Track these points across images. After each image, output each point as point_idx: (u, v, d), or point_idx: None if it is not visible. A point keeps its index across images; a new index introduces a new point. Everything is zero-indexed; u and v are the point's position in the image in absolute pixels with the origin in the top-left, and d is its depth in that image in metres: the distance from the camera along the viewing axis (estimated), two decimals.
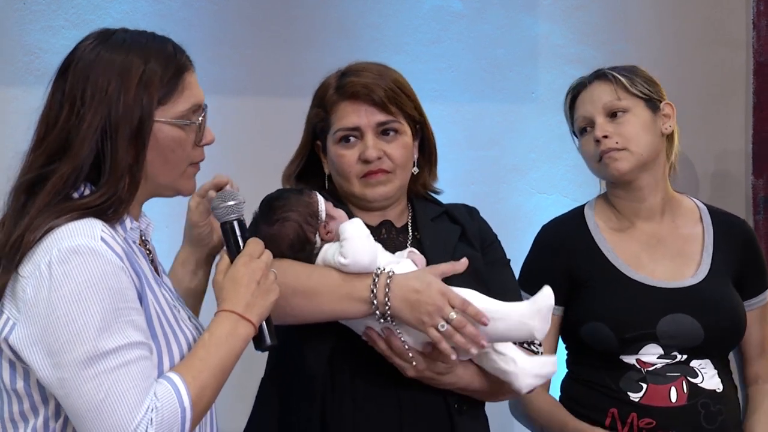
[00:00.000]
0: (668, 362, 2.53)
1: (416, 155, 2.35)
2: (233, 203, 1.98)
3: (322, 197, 2.19)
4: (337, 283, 2.10)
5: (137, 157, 1.82)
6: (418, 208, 2.37)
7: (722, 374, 2.57)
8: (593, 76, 2.65)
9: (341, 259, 2.10)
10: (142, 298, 1.81)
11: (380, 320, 2.09)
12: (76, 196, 1.81)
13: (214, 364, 1.81)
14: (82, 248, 1.72)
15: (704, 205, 2.72)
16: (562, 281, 2.60)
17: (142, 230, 1.95)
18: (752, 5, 3.52)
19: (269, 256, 1.95)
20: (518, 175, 3.36)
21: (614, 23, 3.42)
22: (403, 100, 2.27)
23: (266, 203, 2.20)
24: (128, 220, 1.88)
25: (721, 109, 3.53)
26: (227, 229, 1.97)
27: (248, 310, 1.87)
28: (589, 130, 2.62)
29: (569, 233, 2.66)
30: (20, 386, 1.78)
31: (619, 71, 2.62)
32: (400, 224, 2.36)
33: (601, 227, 2.66)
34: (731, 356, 2.69)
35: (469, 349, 2.07)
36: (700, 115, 2.72)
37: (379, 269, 2.10)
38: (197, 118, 1.89)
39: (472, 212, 2.43)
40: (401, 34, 3.22)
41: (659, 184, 2.64)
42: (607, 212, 2.68)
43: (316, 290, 2.10)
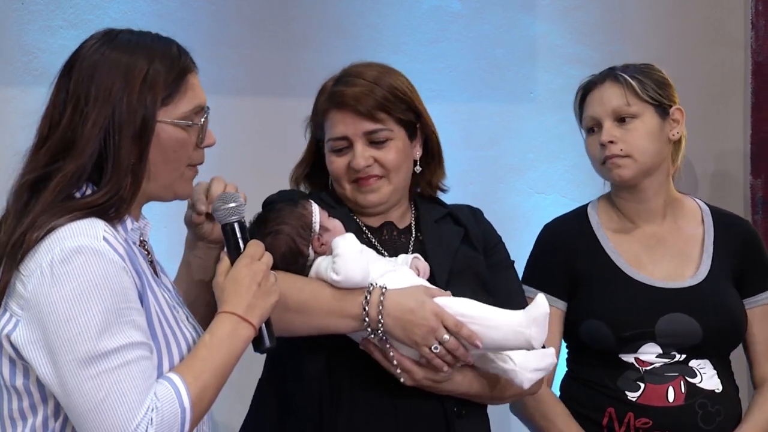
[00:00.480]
0: (667, 362, 2.53)
1: (418, 154, 2.34)
2: (234, 205, 1.98)
3: (318, 207, 2.19)
4: (328, 298, 2.10)
5: (140, 156, 1.83)
6: (422, 209, 2.37)
7: (722, 375, 2.57)
8: (605, 74, 2.63)
9: (333, 275, 2.09)
10: (143, 298, 1.81)
11: (372, 336, 2.09)
12: (78, 195, 1.81)
13: (214, 364, 1.81)
14: (84, 248, 1.73)
15: (707, 205, 2.72)
16: (564, 278, 2.61)
17: (141, 231, 1.95)
18: (750, 5, 3.52)
19: (270, 258, 1.96)
20: (516, 175, 3.36)
21: (612, 23, 3.42)
22: (394, 106, 2.25)
23: (260, 214, 2.20)
24: (129, 220, 1.88)
25: (719, 109, 3.53)
26: (228, 230, 1.97)
27: (249, 311, 1.87)
28: (596, 130, 2.61)
29: (572, 232, 2.67)
30: (20, 383, 1.79)
31: (631, 73, 2.60)
32: (402, 225, 2.35)
33: (603, 227, 2.66)
34: (736, 358, 2.69)
35: (454, 366, 2.09)
36: (698, 115, 2.72)
37: (371, 285, 2.09)
38: (199, 119, 1.90)
39: (476, 214, 2.42)
40: (400, 34, 3.22)
41: (662, 187, 2.64)
42: (609, 212, 2.69)
43: (307, 305, 2.09)
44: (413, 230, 2.35)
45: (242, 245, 1.95)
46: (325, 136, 2.31)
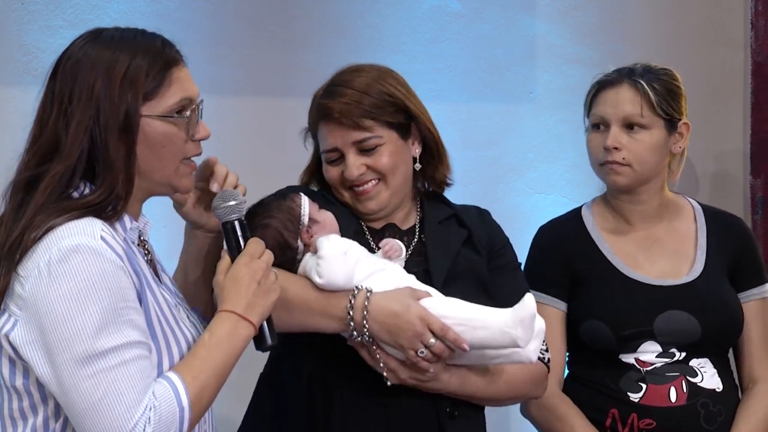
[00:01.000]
0: (667, 361, 2.53)
1: (417, 152, 2.32)
2: (234, 203, 1.97)
3: (307, 200, 2.18)
4: (313, 298, 2.09)
5: (128, 153, 1.82)
6: (427, 209, 2.35)
7: (722, 374, 2.57)
8: (625, 74, 2.59)
9: (317, 278, 2.09)
10: (141, 298, 1.81)
11: (357, 338, 2.08)
12: (76, 195, 1.81)
13: (214, 364, 1.80)
14: (82, 247, 1.72)
15: (699, 204, 2.73)
16: (564, 279, 2.61)
17: (140, 230, 1.95)
18: (750, 5, 3.52)
19: (270, 256, 1.95)
20: (516, 175, 3.36)
21: (612, 23, 3.42)
22: (381, 111, 2.23)
23: (249, 209, 2.20)
24: (128, 219, 1.87)
25: (719, 109, 3.53)
26: (228, 228, 1.96)
27: (249, 310, 1.86)
28: (601, 128, 2.60)
29: (567, 234, 2.67)
30: (20, 383, 1.79)
31: (649, 81, 2.57)
32: (406, 226, 2.34)
33: (599, 228, 2.66)
34: (732, 356, 2.69)
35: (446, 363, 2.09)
36: (698, 115, 2.72)
37: (356, 288, 2.08)
38: (187, 112, 1.88)
39: (483, 215, 2.40)
40: (399, 34, 3.22)
41: (658, 192, 2.65)
42: (604, 213, 2.69)
43: (293, 304, 2.08)
44: (417, 232, 2.33)
45: (243, 243, 1.95)
46: (319, 145, 2.31)
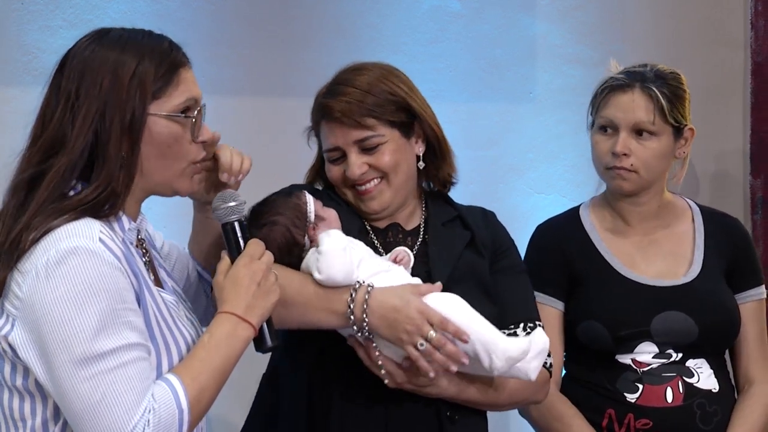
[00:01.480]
0: (664, 362, 2.53)
1: (421, 150, 2.32)
2: (234, 204, 1.97)
3: (311, 197, 2.18)
4: (314, 294, 2.09)
5: (131, 150, 1.82)
6: (431, 210, 2.35)
7: (718, 374, 2.58)
8: (636, 78, 2.58)
9: (316, 273, 2.09)
10: (140, 299, 1.80)
11: (357, 334, 2.08)
12: (71, 194, 1.81)
13: (213, 365, 1.80)
14: (79, 249, 1.72)
15: (696, 205, 2.74)
16: (562, 278, 2.61)
17: (139, 230, 1.95)
18: (750, 5, 3.52)
19: (270, 257, 1.95)
20: (516, 175, 3.36)
21: (612, 23, 3.42)
22: (382, 110, 2.23)
23: (254, 207, 2.20)
24: (126, 220, 1.87)
25: (719, 109, 3.53)
26: (228, 229, 1.96)
27: (248, 311, 1.86)
28: (609, 131, 2.60)
29: (565, 233, 2.67)
30: (20, 383, 1.79)
31: (661, 87, 2.56)
32: (410, 226, 2.33)
33: (596, 228, 2.67)
34: (728, 356, 2.69)
35: (449, 367, 2.05)
36: (698, 115, 2.72)
37: (358, 283, 2.08)
38: (193, 113, 1.88)
39: (487, 217, 2.40)
40: (399, 34, 3.22)
41: (658, 194, 2.66)
42: (602, 213, 2.69)
43: (294, 300, 2.08)
44: (421, 232, 2.33)
45: (242, 244, 1.95)
46: (321, 145, 2.32)
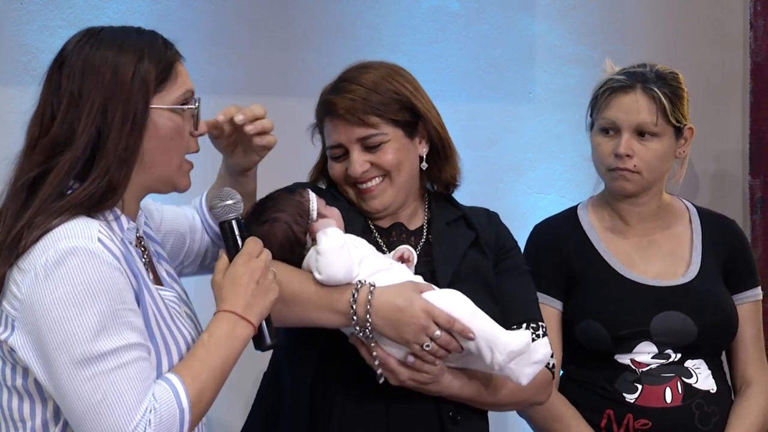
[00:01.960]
0: (662, 362, 2.53)
1: (424, 151, 2.32)
2: (231, 202, 1.97)
3: (315, 195, 2.18)
4: (316, 292, 2.09)
5: (133, 144, 1.82)
6: (435, 210, 2.35)
7: (716, 375, 2.58)
8: (636, 79, 2.58)
9: (317, 274, 2.08)
10: (139, 299, 1.80)
11: (359, 334, 2.08)
12: (69, 193, 1.80)
13: (213, 364, 1.80)
14: (78, 250, 1.72)
15: (694, 206, 2.75)
16: (560, 278, 2.62)
17: (138, 227, 1.95)
18: (749, 5, 3.52)
19: (268, 255, 1.95)
20: (515, 175, 3.36)
21: (612, 23, 3.42)
22: (386, 108, 2.23)
23: (257, 203, 2.20)
24: (125, 219, 1.87)
25: (718, 109, 3.53)
26: (226, 228, 1.97)
27: (247, 310, 1.86)
28: (611, 133, 2.60)
29: (563, 232, 2.67)
30: (19, 383, 1.79)
31: (662, 88, 2.57)
32: (413, 226, 2.33)
33: (595, 228, 2.67)
34: (724, 357, 2.69)
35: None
36: (697, 115, 2.72)
37: (360, 282, 2.08)
38: (190, 104, 1.90)
39: (491, 218, 2.40)
40: (399, 34, 3.22)
41: (657, 194, 2.66)
42: (601, 213, 2.70)
43: (295, 298, 2.08)
44: (424, 232, 2.33)
45: (240, 243, 1.95)
46: (325, 142, 2.32)
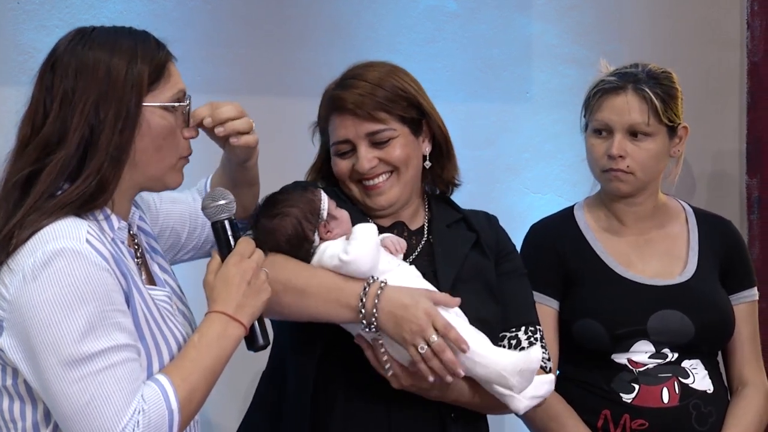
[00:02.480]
0: (660, 362, 2.53)
1: (427, 150, 2.33)
2: (224, 202, 1.97)
3: (326, 196, 2.18)
4: (327, 285, 2.08)
5: (125, 142, 1.82)
6: (435, 211, 2.35)
7: (713, 375, 2.58)
8: (627, 80, 2.58)
9: (343, 255, 2.07)
10: (129, 299, 1.80)
11: (366, 330, 2.08)
12: (59, 194, 1.80)
13: (203, 365, 1.80)
14: (66, 251, 1.72)
15: (690, 207, 2.75)
16: (557, 277, 2.62)
17: (131, 226, 1.95)
18: (746, 5, 3.52)
19: (261, 255, 1.94)
20: (512, 174, 3.36)
21: (608, 23, 3.42)
22: (394, 105, 2.24)
23: (269, 196, 2.20)
24: (115, 219, 1.87)
25: (715, 109, 3.53)
26: (218, 228, 1.96)
27: (239, 311, 1.86)
28: (604, 134, 2.60)
29: (559, 232, 2.68)
30: (9, 384, 1.79)
31: (653, 88, 2.57)
32: (414, 226, 2.34)
33: (591, 228, 2.67)
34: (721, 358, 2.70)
35: (444, 376, 2.05)
36: (694, 115, 2.72)
37: (372, 278, 2.08)
38: (182, 103, 1.90)
39: (491, 220, 2.41)
40: (395, 33, 3.21)
41: (653, 195, 2.67)
42: (597, 213, 2.70)
43: (306, 290, 2.08)
44: (425, 232, 2.33)
45: (233, 242, 1.94)
46: (329, 140, 2.31)
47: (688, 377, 2.54)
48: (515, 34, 3.33)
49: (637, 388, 2.53)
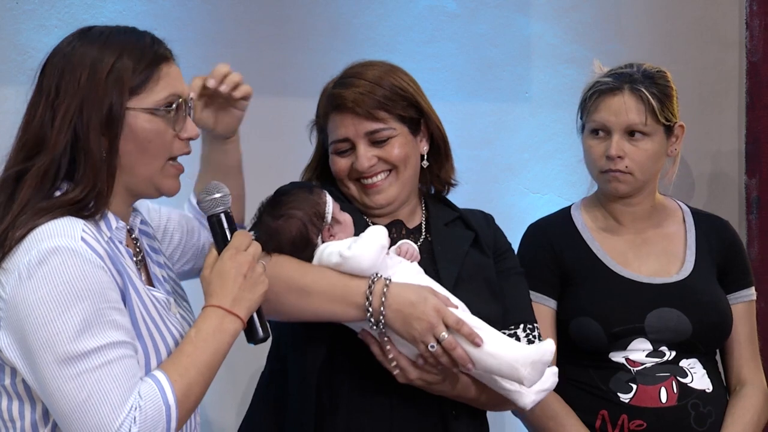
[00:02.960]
0: (657, 361, 2.53)
1: (425, 149, 2.33)
2: (219, 195, 1.96)
3: (331, 199, 2.18)
4: (332, 284, 2.08)
5: (110, 146, 1.81)
6: (432, 211, 2.36)
7: (711, 374, 2.58)
8: (623, 80, 2.58)
9: (345, 251, 2.07)
10: (125, 297, 1.80)
11: (373, 327, 2.07)
12: (57, 194, 1.80)
13: (201, 361, 1.79)
14: (61, 249, 1.72)
15: (687, 207, 2.75)
16: (554, 277, 2.62)
17: (132, 228, 1.94)
18: (745, 5, 3.53)
19: (257, 248, 1.93)
20: (511, 174, 3.36)
21: (607, 23, 3.42)
22: (394, 104, 2.25)
23: (275, 196, 2.19)
24: (113, 218, 1.86)
25: (714, 109, 3.53)
26: (214, 222, 1.95)
27: (235, 304, 1.85)
28: (601, 135, 2.61)
29: (557, 232, 2.68)
30: (8, 383, 1.79)
31: (650, 87, 2.57)
32: (412, 225, 2.34)
33: (588, 227, 2.67)
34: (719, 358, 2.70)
35: (452, 369, 2.06)
36: (693, 115, 2.73)
37: (376, 275, 2.08)
38: (174, 107, 1.87)
39: (488, 219, 2.41)
40: (395, 33, 3.22)
41: (651, 194, 2.67)
42: (594, 213, 2.70)
43: (310, 289, 2.08)
44: (423, 231, 2.34)
45: (229, 236, 1.93)
46: (328, 138, 2.31)
47: (686, 376, 2.54)
48: (514, 34, 3.33)
49: (634, 387, 2.53)
